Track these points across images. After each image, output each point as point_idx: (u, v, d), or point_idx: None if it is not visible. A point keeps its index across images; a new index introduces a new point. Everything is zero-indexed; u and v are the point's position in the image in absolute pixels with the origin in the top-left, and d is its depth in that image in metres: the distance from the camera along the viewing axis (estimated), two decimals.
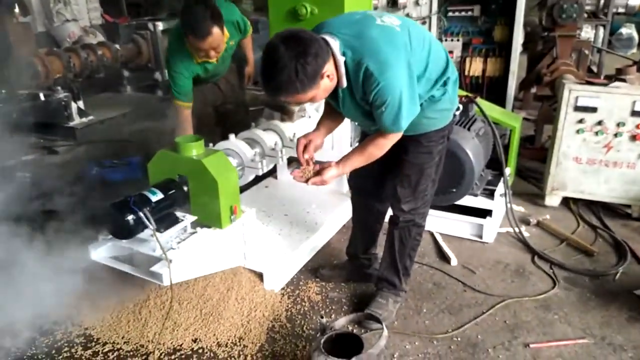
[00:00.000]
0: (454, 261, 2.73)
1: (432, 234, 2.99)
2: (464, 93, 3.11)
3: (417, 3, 4.17)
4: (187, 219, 2.22)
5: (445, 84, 1.99)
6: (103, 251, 2.20)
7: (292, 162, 3.64)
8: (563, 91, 3.12)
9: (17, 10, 7.89)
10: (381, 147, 1.97)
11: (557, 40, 4.45)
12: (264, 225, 2.91)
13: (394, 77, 1.76)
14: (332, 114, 2.18)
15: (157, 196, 2.08)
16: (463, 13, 4.34)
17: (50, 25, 8.00)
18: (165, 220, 2.13)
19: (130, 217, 1.96)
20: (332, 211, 3.13)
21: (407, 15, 4.17)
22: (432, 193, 2.25)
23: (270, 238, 2.70)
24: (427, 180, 2.16)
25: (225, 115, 3.50)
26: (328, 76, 1.78)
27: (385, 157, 2.04)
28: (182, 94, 2.98)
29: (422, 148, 2.09)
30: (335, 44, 1.79)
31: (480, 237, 2.94)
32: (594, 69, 6.00)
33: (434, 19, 4.23)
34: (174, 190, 2.19)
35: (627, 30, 8.90)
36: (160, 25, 6.28)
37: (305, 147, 2.12)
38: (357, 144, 3.34)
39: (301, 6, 2.93)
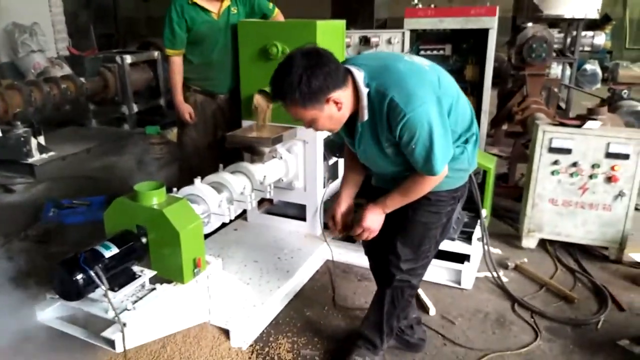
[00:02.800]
0: (432, 311, 2.60)
1: None
2: None
3: (389, 42, 4.15)
4: (146, 274, 2.03)
5: (467, 141, 1.89)
6: (51, 312, 1.99)
7: (262, 202, 3.49)
8: (537, 132, 3.10)
9: None
10: (419, 185, 1.81)
11: (527, 78, 4.51)
12: (232, 274, 2.74)
13: (422, 109, 1.65)
14: (356, 167, 2.05)
15: (111, 251, 1.90)
16: (435, 52, 4.35)
17: (15, 55, 7.78)
18: (121, 277, 1.95)
19: (80, 277, 1.77)
20: (304, 256, 2.98)
21: None
22: (433, 255, 2.08)
23: (238, 290, 2.52)
24: (430, 241, 2.00)
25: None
26: (336, 103, 1.69)
27: (392, 214, 1.93)
28: (168, 41, 3.14)
29: (431, 207, 1.93)
30: (360, 74, 1.72)
31: (459, 283, 2.82)
32: (562, 105, 6.12)
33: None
34: (131, 243, 2.00)
35: (591, 66, 9.21)
36: (128, 59, 6.13)
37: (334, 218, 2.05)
38: (330, 184, 3.26)
39: (272, 45, 2.86)
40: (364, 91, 1.71)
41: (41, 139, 5.12)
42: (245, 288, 2.59)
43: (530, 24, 4.75)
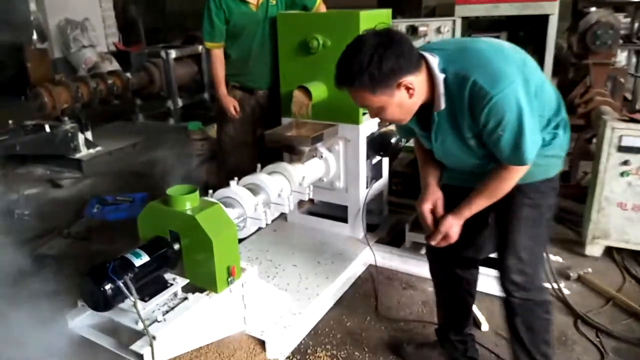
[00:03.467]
0: (485, 326, 2.39)
1: None
2: None
3: (438, 31, 3.91)
4: (178, 283, 1.94)
5: (557, 126, 1.69)
6: (82, 320, 1.94)
7: (303, 201, 3.36)
8: (605, 130, 2.79)
9: (35, 36, 7.93)
10: (505, 180, 1.63)
11: (591, 68, 4.14)
12: (269, 279, 2.64)
13: (509, 89, 1.47)
14: (432, 160, 1.86)
15: (141, 259, 1.81)
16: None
17: (67, 51, 8.01)
18: (152, 286, 1.86)
19: (108, 287, 1.69)
20: (346, 261, 2.82)
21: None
22: (543, 258, 1.88)
23: (275, 298, 2.40)
24: (537, 242, 1.79)
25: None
26: (408, 89, 1.52)
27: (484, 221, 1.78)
28: (207, 34, 3.04)
29: (528, 201, 1.72)
30: (434, 60, 1.55)
31: None
32: (627, 96, 5.64)
33: None
34: (163, 250, 1.91)
35: None
36: (173, 53, 6.15)
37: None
38: (373, 184, 3.08)
39: (312, 39, 2.70)
40: (440, 77, 1.54)
41: (88, 134, 5.21)
42: (282, 296, 2.47)
43: (593, 9, 4.38)
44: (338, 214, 3.20)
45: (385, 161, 3.22)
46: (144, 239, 2.02)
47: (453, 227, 1.72)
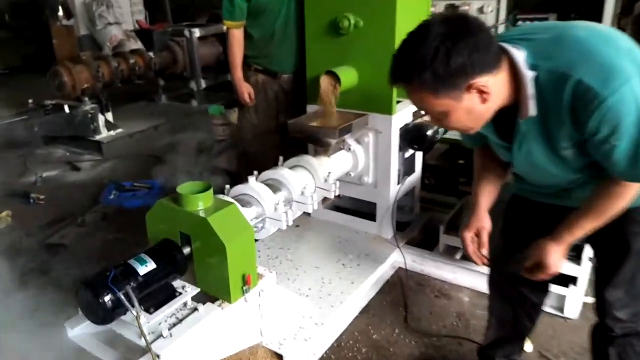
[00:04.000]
0: (528, 347, 2.13)
1: None
2: None
3: (481, 11, 3.57)
4: (188, 292, 1.75)
5: None
6: (83, 328, 1.76)
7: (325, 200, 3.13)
8: None
9: (61, 13, 7.82)
10: (618, 199, 1.31)
11: None
12: (289, 282, 2.44)
13: (626, 88, 1.15)
14: (495, 169, 1.59)
15: (146, 267, 1.62)
16: (537, 22, 3.69)
17: (93, 28, 7.89)
18: (158, 296, 1.67)
19: (107, 299, 1.50)
20: (373, 265, 2.59)
21: None
22: None
23: (295, 306, 2.19)
24: None
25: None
26: (481, 93, 1.21)
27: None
28: (227, 11, 2.84)
29: (638, 227, 1.44)
30: (520, 54, 1.23)
31: (562, 310, 2.33)
32: None
33: (502, 29, 3.61)
34: (171, 256, 1.72)
35: None
36: (197, 32, 5.93)
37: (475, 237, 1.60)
38: (405, 180, 2.83)
39: (343, 18, 2.44)
40: (529, 76, 1.23)
41: (109, 116, 5.08)
42: (302, 303, 2.26)
43: None
44: (365, 209, 2.96)
45: (419, 155, 2.96)
46: (153, 239, 1.84)
47: (552, 254, 1.41)
